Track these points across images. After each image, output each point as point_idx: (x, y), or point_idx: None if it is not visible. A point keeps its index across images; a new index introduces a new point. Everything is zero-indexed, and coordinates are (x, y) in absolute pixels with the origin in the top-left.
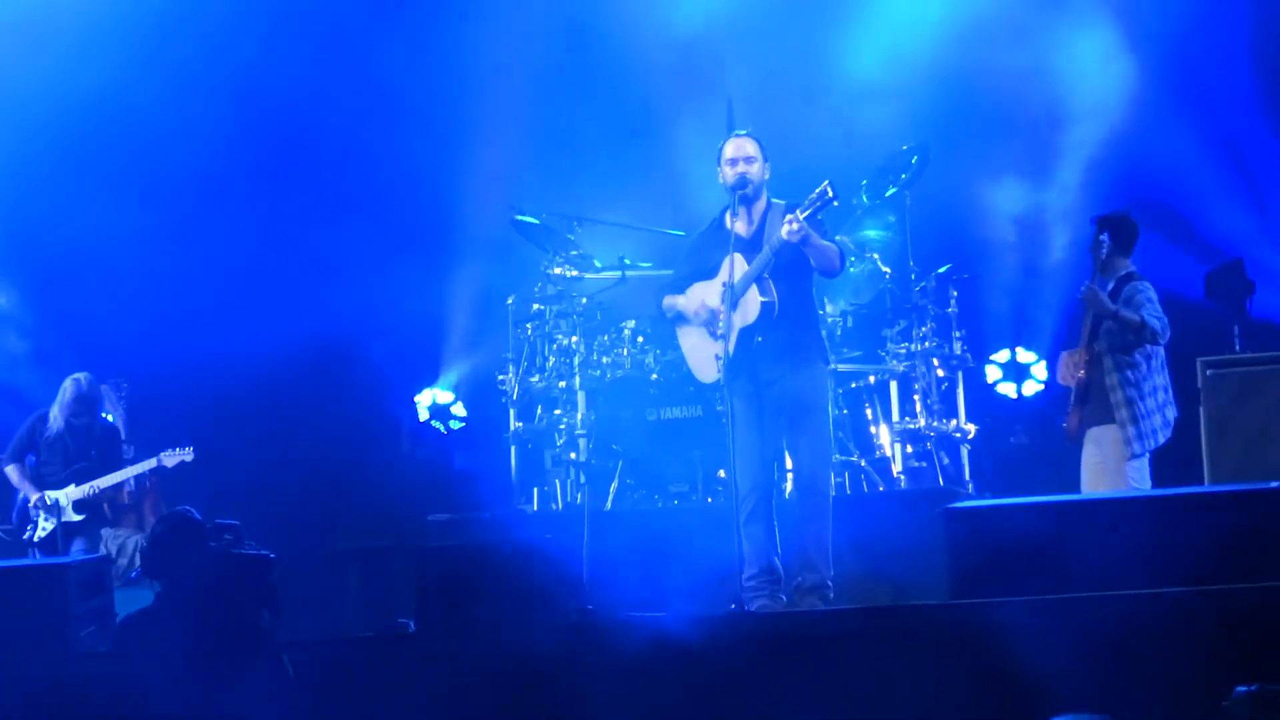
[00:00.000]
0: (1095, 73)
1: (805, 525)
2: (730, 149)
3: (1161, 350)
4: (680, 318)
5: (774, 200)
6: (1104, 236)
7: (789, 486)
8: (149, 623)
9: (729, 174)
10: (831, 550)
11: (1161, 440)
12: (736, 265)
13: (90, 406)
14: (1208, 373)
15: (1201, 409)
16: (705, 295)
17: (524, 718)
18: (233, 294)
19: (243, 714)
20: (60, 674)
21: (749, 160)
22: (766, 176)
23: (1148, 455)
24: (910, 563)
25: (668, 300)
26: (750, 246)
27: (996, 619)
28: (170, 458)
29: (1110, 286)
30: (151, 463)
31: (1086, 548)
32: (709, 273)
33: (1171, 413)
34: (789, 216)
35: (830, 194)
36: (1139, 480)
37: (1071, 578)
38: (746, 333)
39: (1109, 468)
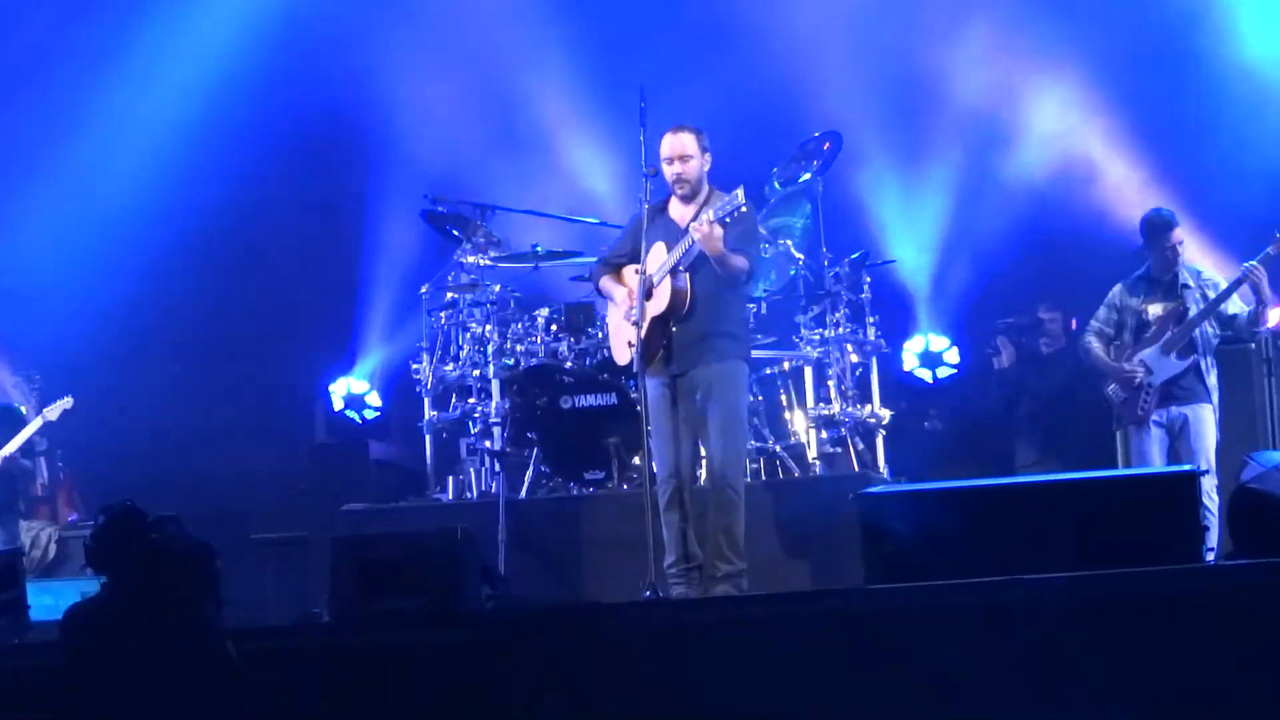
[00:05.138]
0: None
1: (716, 517)
2: (666, 146)
3: None
4: (610, 297)
5: (716, 191)
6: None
7: (704, 474)
8: (96, 614)
9: (666, 171)
10: (743, 542)
11: None
12: (658, 253)
13: None
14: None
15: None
16: (634, 283)
17: (438, 708)
18: (144, 282)
19: (189, 702)
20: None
21: (685, 159)
22: (706, 168)
23: None
24: (826, 548)
25: (604, 282)
26: (679, 235)
27: (911, 603)
28: (52, 410)
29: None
30: (38, 421)
31: (999, 532)
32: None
33: None
34: (701, 218)
35: (740, 201)
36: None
37: (985, 562)
38: (659, 321)
39: (1207, 443)
